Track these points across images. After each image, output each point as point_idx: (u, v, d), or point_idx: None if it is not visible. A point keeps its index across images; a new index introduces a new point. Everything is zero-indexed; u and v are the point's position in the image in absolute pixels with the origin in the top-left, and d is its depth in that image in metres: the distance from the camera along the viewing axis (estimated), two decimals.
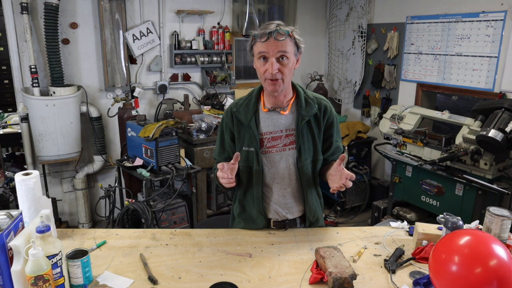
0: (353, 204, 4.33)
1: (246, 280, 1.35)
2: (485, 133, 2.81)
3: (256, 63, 1.58)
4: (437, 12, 3.78)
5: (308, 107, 1.64)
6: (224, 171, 1.49)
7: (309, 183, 1.69)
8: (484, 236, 1.19)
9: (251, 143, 1.64)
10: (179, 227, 3.30)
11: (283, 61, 1.52)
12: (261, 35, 1.51)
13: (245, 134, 1.66)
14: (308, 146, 1.65)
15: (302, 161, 1.64)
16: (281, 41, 1.50)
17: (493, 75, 3.37)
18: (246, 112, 1.65)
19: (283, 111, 1.65)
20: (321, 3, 5.01)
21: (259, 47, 1.53)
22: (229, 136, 1.71)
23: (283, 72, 1.53)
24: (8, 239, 1.15)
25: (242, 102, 1.70)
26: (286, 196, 1.69)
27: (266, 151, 1.65)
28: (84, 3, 3.67)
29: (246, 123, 1.64)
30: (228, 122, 1.70)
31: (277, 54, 1.51)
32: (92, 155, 3.92)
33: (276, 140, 1.65)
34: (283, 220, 1.71)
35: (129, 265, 1.43)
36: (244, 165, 1.67)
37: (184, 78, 4.27)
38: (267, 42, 1.50)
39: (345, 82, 4.89)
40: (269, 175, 1.67)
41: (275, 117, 1.65)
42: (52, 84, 3.50)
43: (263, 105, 1.67)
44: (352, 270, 1.28)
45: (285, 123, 1.65)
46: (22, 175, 1.40)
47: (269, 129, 1.65)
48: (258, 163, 1.64)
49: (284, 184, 1.68)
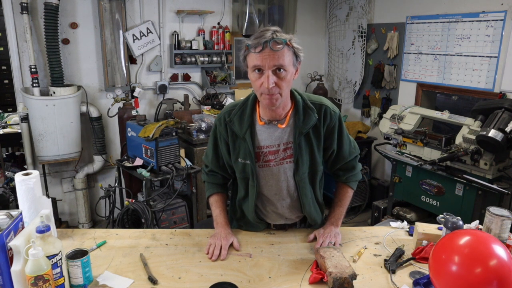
0: (353, 204, 4.33)
1: (246, 280, 1.35)
2: (485, 133, 2.81)
3: (250, 75, 1.41)
4: (437, 12, 3.78)
5: (307, 119, 1.50)
6: (216, 249, 1.49)
7: (307, 194, 1.61)
8: (484, 236, 1.19)
9: (246, 157, 1.54)
10: (179, 227, 3.29)
11: (280, 73, 1.36)
12: (255, 45, 1.34)
13: (240, 146, 1.55)
14: (306, 159, 1.55)
15: (299, 174, 1.56)
16: (278, 51, 1.33)
17: (493, 75, 3.37)
18: (240, 123, 1.52)
19: (281, 124, 1.51)
20: (321, 3, 5.01)
21: (253, 59, 1.36)
22: (224, 147, 1.61)
23: (280, 86, 1.37)
24: (8, 239, 1.15)
25: (236, 111, 1.55)
26: (284, 207, 1.65)
27: (263, 165, 1.56)
28: (84, 3, 3.67)
29: (241, 135, 1.53)
30: (222, 132, 1.58)
31: (273, 67, 1.35)
32: (92, 155, 3.92)
33: (274, 154, 1.55)
34: (283, 224, 1.71)
35: (129, 265, 1.43)
36: (241, 176, 1.60)
37: (184, 78, 4.27)
38: (262, 53, 1.33)
39: (345, 82, 4.89)
40: (266, 187, 1.60)
41: (271, 130, 1.53)
42: (52, 84, 3.50)
43: (258, 117, 1.52)
44: (352, 270, 1.28)
45: (282, 137, 1.53)
46: (22, 175, 1.40)
47: (266, 143, 1.54)
48: (253, 178, 1.56)
49: (283, 196, 1.62)
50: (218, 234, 1.57)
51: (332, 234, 1.58)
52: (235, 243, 1.55)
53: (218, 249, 1.50)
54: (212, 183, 1.74)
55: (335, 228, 1.62)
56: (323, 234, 1.58)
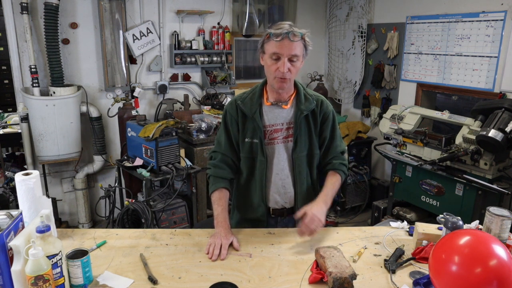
0: (353, 204, 4.33)
1: (246, 280, 1.35)
2: (485, 133, 2.81)
3: (267, 61, 1.63)
4: (437, 12, 3.78)
5: (307, 102, 1.72)
6: (216, 248, 1.50)
7: (302, 175, 1.75)
8: (484, 236, 1.20)
9: (255, 135, 1.72)
10: (179, 227, 3.29)
11: (294, 62, 1.60)
12: (278, 34, 1.56)
13: (249, 126, 1.73)
14: (304, 139, 1.73)
15: (297, 152, 1.73)
16: (294, 42, 1.57)
17: (493, 75, 3.37)
18: (251, 105, 1.72)
19: (285, 105, 1.73)
20: (321, 3, 5.01)
21: (273, 46, 1.58)
22: (235, 127, 1.76)
23: (292, 72, 1.61)
24: (8, 239, 1.15)
25: (246, 95, 1.77)
26: (285, 186, 1.77)
27: (269, 142, 1.74)
28: (84, 3, 3.67)
29: (250, 115, 1.71)
30: (233, 114, 1.76)
31: (289, 56, 1.57)
32: (92, 155, 3.92)
33: (278, 132, 1.73)
34: (281, 208, 1.79)
35: (129, 265, 1.43)
36: (248, 156, 1.75)
37: (184, 78, 4.27)
38: (282, 42, 1.56)
39: (345, 82, 4.89)
40: (270, 165, 1.75)
41: (277, 111, 1.73)
42: (52, 84, 3.50)
43: (266, 99, 1.74)
44: (352, 270, 1.28)
45: (286, 117, 1.73)
46: (22, 175, 1.40)
47: (271, 122, 1.73)
48: (263, 154, 1.72)
49: (284, 175, 1.75)
50: (218, 234, 1.58)
51: (318, 215, 1.56)
52: (234, 243, 1.56)
53: (218, 248, 1.51)
54: (218, 177, 1.76)
55: (325, 207, 1.62)
56: (310, 218, 1.55)
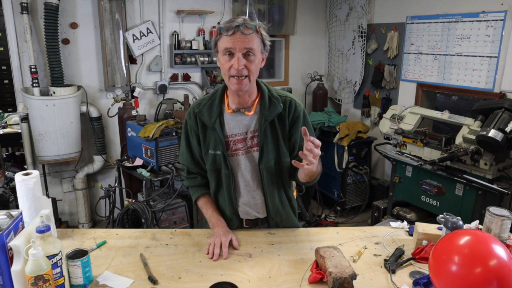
0: (353, 204, 4.33)
1: (246, 280, 1.35)
2: (485, 133, 2.81)
3: (221, 59, 1.49)
4: (437, 12, 3.78)
5: (272, 107, 1.55)
6: (216, 247, 1.48)
7: (271, 186, 1.62)
8: (484, 236, 1.19)
9: (217, 147, 1.58)
10: (179, 227, 3.29)
11: (250, 57, 1.44)
12: (228, 28, 1.42)
13: (210, 137, 1.59)
14: (271, 148, 1.58)
15: (264, 163, 1.58)
16: (248, 35, 1.42)
17: (493, 75, 3.37)
18: (209, 113, 1.57)
19: (248, 111, 1.57)
20: (321, 3, 5.01)
21: (224, 42, 1.44)
22: (195, 140, 1.64)
23: (249, 69, 1.45)
24: (8, 239, 1.15)
25: (205, 102, 1.61)
26: (255, 198, 1.65)
27: (232, 154, 1.59)
28: (84, 3, 3.67)
29: (210, 125, 1.57)
30: (193, 125, 1.62)
31: (244, 50, 1.43)
32: (92, 155, 3.92)
33: (241, 142, 1.59)
34: (255, 219, 1.69)
35: (129, 265, 1.43)
36: (212, 168, 1.62)
37: (184, 78, 4.27)
38: (233, 36, 1.42)
39: (345, 82, 4.89)
40: (235, 178, 1.62)
41: (239, 118, 1.58)
42: (52, 84, 3.50)
43: (227, 106, 1.58)
44: (352, 270, 1.28)
45: (250, 124, 1.58)
46: (22, 175, 1.40)
47: (234, 131, 1.58)
48: (227, 167, 1.58)
49: (253, 186, 1.63)
50: (216, 233, 1.56)
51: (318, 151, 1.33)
52: (234, 241, 1.55)
53: (218, 247, 1.49)
54: (195, 186, 1.74)
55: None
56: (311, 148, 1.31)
